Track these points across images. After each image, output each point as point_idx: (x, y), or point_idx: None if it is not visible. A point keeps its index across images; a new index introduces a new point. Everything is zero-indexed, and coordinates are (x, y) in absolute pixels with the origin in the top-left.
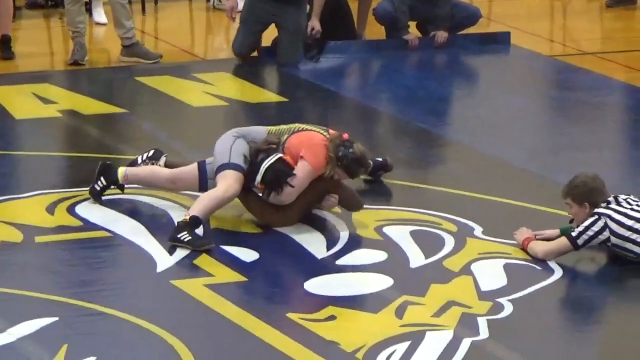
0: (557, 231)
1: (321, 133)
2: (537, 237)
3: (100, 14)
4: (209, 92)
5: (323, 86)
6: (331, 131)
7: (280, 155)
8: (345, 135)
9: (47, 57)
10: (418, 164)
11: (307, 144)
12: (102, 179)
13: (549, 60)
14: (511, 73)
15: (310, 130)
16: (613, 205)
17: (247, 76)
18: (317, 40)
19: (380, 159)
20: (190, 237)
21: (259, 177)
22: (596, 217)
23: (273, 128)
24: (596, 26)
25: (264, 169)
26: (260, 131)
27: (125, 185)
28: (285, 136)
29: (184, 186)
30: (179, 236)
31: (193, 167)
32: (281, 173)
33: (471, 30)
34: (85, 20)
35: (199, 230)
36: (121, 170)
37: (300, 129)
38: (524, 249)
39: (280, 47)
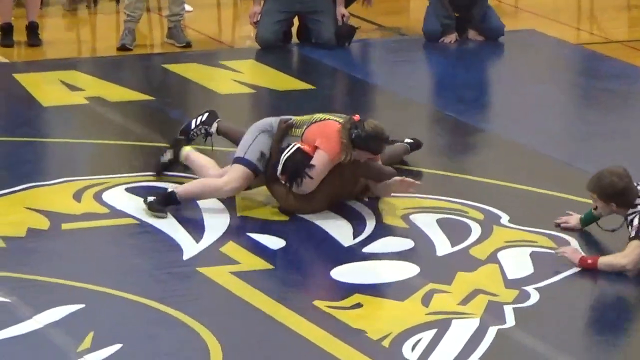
0: (577, 217)
1: (336, 121)
2: (561, 225)
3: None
4: (237, 79)
5: (350, 74)
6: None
7: (298, 145)
8: (356, 117)
9: (74, 44)
10: (445, 152)
11: (322, 134)
12: (169, 152)
13: (575, 48)
14: (538, 61)
15: (327, 119)
16: None
17: (274, 64)
18: (348, 27)
19: (412, 140)
20: (152, 201)
21: (280, 168)
22: None
23: (298, 118)
24: (623, 14)
25: (284, 159)
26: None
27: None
28: (305, 126)
29: None
30: (148, 198)
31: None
32: (300, 164)
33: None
34: (143, 7)
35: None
36: (185, 150)
37: (319, 119)
38: (586, 267)
39: (314, 29)
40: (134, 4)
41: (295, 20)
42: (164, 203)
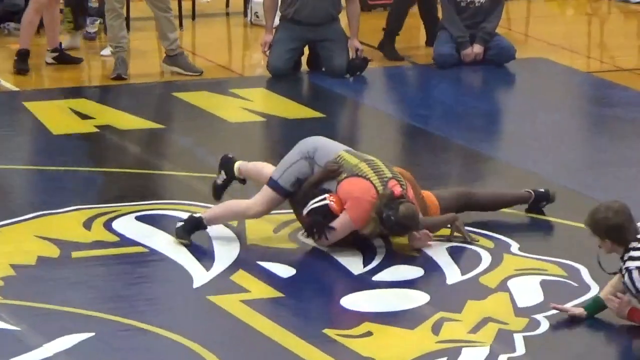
0: (581, 309)
1: (375, 186)
2: (568, 313)
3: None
4: (247, 107)
5: (360, 102)
6: (390, 183)
7: (327, 202)
8: (397, 192)
9: (84, 72)
10: (454, 180)
11: (356, 197)
12: (222, 172)
13: (586, 76)
14: (548, 89)
15: (369, 178)
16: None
17: (284, 92)
18: (361, 59)
19: (542, 190)
20: (179, 227)
21: (305, 210)
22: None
23: (345, 155)
24: (633, 42)
25: (310, 207)
26: (330, 154)
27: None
28: (344, 175)
29: None
30: (177, 223)
31: None
32: (320, 226)
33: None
34: (127, 35)
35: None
36: (237, 164)
37: (361, 173)
38: (634, 321)
39: (326, 58)
40: (117, 35)
41: (305, 49)
42: (191, 229)
